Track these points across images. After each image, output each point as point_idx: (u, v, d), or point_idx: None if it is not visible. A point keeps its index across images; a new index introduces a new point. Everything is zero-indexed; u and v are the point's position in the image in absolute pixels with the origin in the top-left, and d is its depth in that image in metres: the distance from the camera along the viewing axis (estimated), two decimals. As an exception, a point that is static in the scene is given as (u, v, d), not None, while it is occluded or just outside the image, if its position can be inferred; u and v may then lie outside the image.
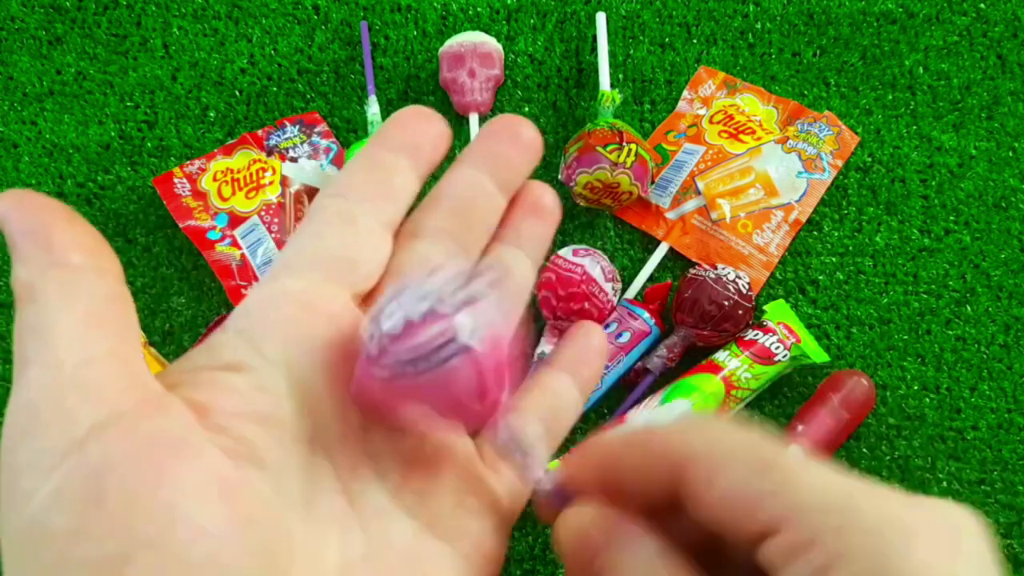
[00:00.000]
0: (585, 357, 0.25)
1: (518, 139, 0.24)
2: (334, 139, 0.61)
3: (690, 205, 0.59)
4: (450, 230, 0.23)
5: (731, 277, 0.54)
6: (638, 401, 0.54)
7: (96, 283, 0.18)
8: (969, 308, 0.58)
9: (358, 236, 0.22)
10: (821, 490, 0.16)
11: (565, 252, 0.55)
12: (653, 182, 0.60)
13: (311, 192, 0.59)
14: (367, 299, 0.22)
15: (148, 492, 0.16)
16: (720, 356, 0.53)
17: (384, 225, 0.22)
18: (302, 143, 0.61)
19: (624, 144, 0.55)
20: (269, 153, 0.60)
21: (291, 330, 0.20)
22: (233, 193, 0.59)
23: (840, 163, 0.60)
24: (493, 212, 0.24)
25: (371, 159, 0.23)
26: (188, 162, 0.60)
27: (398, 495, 0.21)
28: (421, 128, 0.23)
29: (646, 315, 0.55)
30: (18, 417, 0.16)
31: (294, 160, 0.60)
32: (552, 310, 0.54)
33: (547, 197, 0.25)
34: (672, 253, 0.59)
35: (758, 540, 0.16)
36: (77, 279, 0.18)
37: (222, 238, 0.57)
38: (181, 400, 0.18)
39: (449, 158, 0.24)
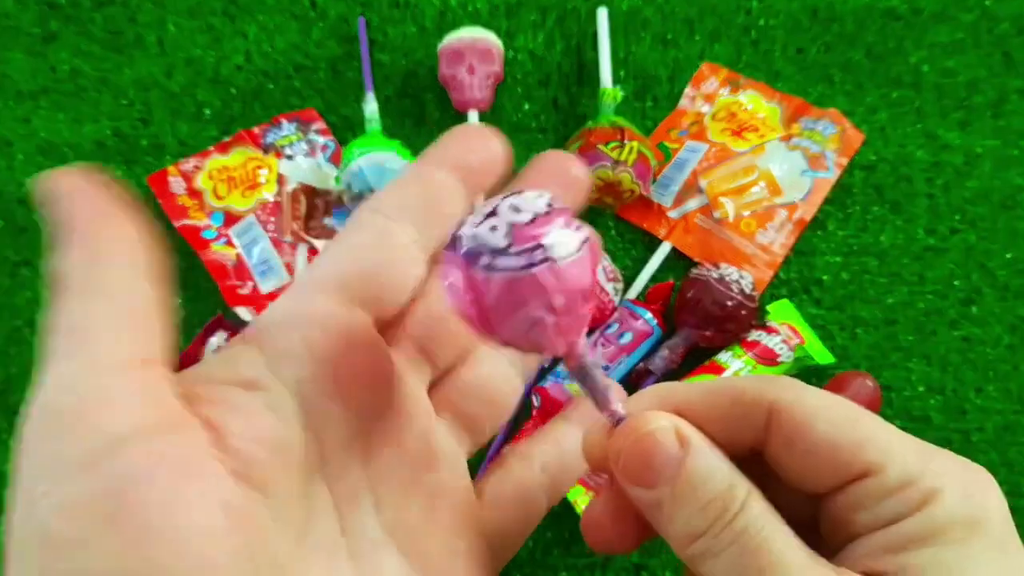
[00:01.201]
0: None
1: (568, 177, 0.23)
2: (331, 137, 0.61)
3: (692, 204, 0.58)
4: None
5: (734, 277, 0.53)
6: (640, 403, 0.53)
7: (136, 287, 0.18)
8: (975, 308, 0.57)
9: (393, 257, 0.21)
10: (907, 441, 0.18)
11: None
12: (655, 180, 0.59)
13: (308, 190, 0.58)
14: (392, 324, 0.22)
15: (159, 515, 0.15)
16: (723, 357, 0.53)
17: (422, 248, 0.21)
18: (299, 141, 0.60)
19: (625, 142, 0.54)
20: (265, 151, 0.60)
21: (308, 353, 0.19)
22: (229, 191, 0.58)
23: (845, 161, 0.59)
24: None
25: (420, 176, 0.22)
26: (183, 160, 0.59)
27: (392, 528, 0.20)
28: (476, 148, 0.22)
29: (648, 315, 0.54)
30: (40, 418, 0.16)
31: (291, 158, 0.59)
32: (552, 310, 0.53)
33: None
34: (674, 252, 0.58)
35: (846, 483, 0.18)
36: (118, 280, 0.17)
37: (217, 237, 0.57)
38: (198, 419, 0.17)
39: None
